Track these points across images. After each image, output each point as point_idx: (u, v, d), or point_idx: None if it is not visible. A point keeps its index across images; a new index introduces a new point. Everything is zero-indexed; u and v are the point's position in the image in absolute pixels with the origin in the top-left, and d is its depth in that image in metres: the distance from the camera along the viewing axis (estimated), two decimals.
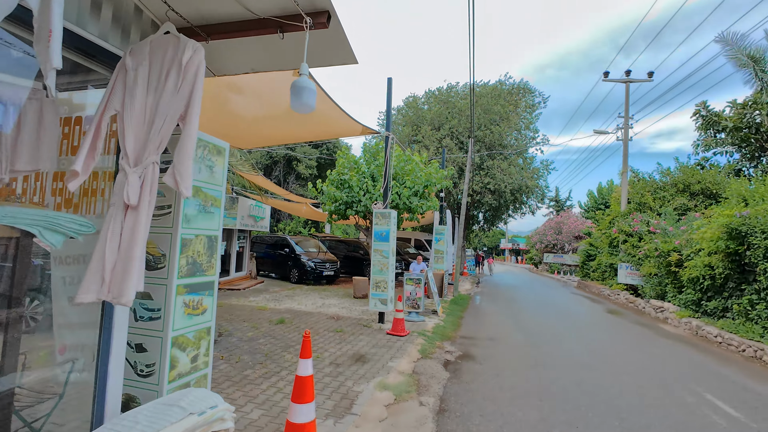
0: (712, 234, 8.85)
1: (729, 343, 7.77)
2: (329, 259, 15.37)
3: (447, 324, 8.56)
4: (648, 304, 11.97)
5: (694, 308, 10.03)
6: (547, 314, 10.98)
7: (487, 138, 18.75)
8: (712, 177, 13.78)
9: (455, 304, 11.39)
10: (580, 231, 31.65)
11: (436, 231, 13.15)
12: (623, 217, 15.10)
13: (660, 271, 11.80)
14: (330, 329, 7.27)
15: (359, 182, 10.74)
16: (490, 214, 20.38)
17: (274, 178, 30.48)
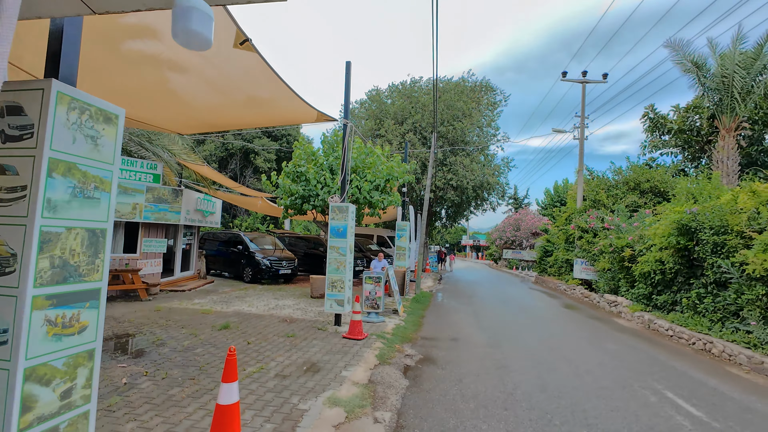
0: (664, 230, 9.08)
1: (680, 336, 7.97)
2: (286, 257, 14.56)
3: (408, 324, 8.16)
4: (602, 299, 12.27)
5: (645, 302, 10.33)
6: (507, 310, 10.91)
7: (450, 134, 18.62)
8: (660, 176, 14.44)
9: (417, 303, 11.05)
10: (537, 228, 32.68)
11: (398, 227, 12.76)
12: (579, 214, 15.49)
13: (613, 267, 12.12)
14: (281, 334, 6.61)
15: (317, 175, 10.08)
16: (452, 210, 20.36)
17: (230, 171, 28.87)
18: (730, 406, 4.62)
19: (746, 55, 14.29)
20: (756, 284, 6.94)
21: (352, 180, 10.08)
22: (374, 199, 10.12)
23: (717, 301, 7.81)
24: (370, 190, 10.18)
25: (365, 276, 8.26)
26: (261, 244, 15.04)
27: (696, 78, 15.44)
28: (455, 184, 18.11)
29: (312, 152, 10.71)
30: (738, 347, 6.59)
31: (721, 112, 15.07)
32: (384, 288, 11.29)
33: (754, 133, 15.53)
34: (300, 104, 6.47)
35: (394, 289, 9.35)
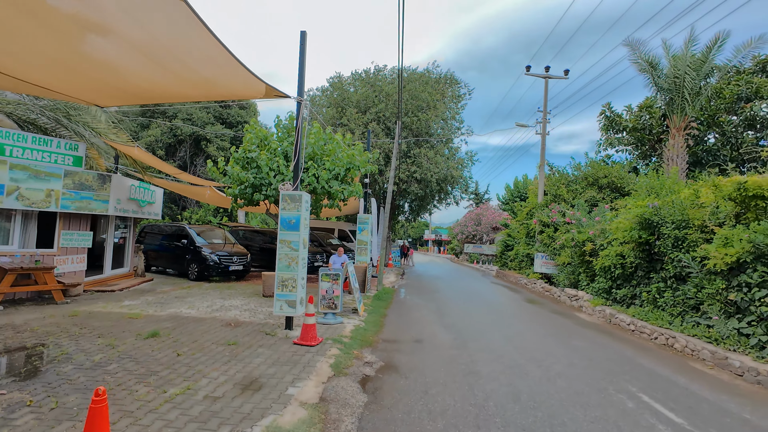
0: (626, 224, 9.05)
1: (641, 330, 7.92)
2: (238, 252, 13.40)
3: (368, 325, 7.49)
4: (563, 293, 12.29)
5: (605, 296, 10.36)
6: (471, 306, 10.57)
7: (414, 125, 18.10)
8: (617, 172, 14.77)
9: (379, 300, 10.43)
10: (497, 222, 33.25)
11: (360, 220, 12.04)
12: (541, 209, 15.56)
13: (574, 261, 12.16)
14: (221, 341, 5.71)
15: (269, 161, 9.11)
16: (416, 204, 19.93)
17: (178, 159, 26.69)
18: (706, 409, 4.37)
19: (696, 58, 14.87)
20: (716, 278, 6.94)
21: (309, 168, 9.21)
22: (333, 189, 9.31)
23: (677, 295, 7.81)
24: (329, 180, 9.36)
25: (322, 273, 7.48)
26: (209, 237, 13.76)
27: (650, 77, 15.91)
28: (419, 176, 17.64)
29: (265, 136, 9.69)
30: (700, 342, 6.53)
31: (672, 112, 15.63)
32: (344, 285, 10.58)
33: (699, 133, 16.28)
34: (245, 76, 5.56)
35: (354, 287, 8.64)
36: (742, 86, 15.60)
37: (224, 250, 13.06)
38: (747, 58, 14.99)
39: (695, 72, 14.67)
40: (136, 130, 27.80)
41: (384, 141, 17.68)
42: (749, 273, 6.37)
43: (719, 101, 16.39)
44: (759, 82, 15.45)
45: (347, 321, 7.59)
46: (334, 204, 10.32)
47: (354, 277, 8.84)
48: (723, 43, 14.48)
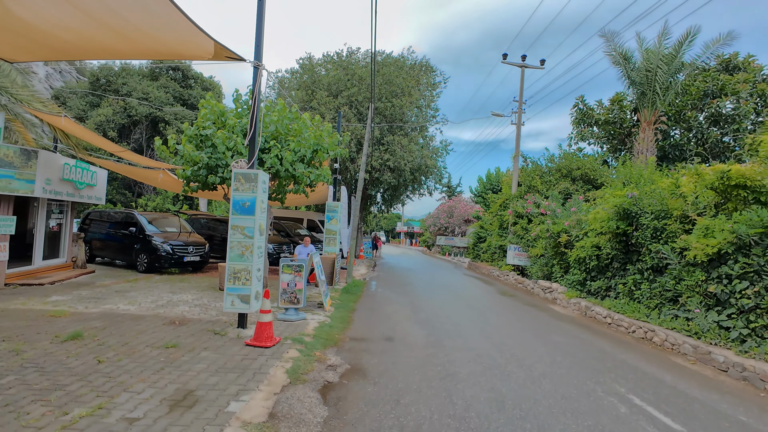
0: (604, 214, 8.80)
1: (618, 324, 7.68)
2: (195, 242, 12.29)
3: (335, 321, 6.81)
4: (536, 285, 12.08)
5: (579, 288, 10.17)
6: (444, 299, 10.10)
7: (388, 111, 17.37)
8: (591, 164, 14.73)
9: (347, 293, 9.74)
10: (470, 215, 33.27)
11: (329, 208, 11.25)
12: (515, 200, 15.33)
13: (548, 252, 11.95)
14: (158, 344, 4.85)
15: (226, 140, 8.13)
16: (389, 193, 19.29)
17: (133, 142, 24.67)
18: (700, 412, 4.01)
19: (668, 52, 14.97)
20: (695, 270, 6.74)
21: (272, 148, 8.31)
22: (298, 172, 8.46)
23: (654, 287, 7.62)
24: (294, 162, 8.50)
25: (283, 264, 6.70)
26: (162, 226, 12.54)
27: (623, 70, 15.93)
28: (392, 165, 16.98)
29: (222, 112, 8.67)
30: (681, 336, 6.31)
31: (643, 106, 15.74)
32: (310, 278, 9.82)
33: (667, 128, 16.54)
34: (189, 30, 4.65)
35: (320, 279, 7.90)
36: (709, 83, 15.92)
37: (179, 240, 11.92)
38: (714, 54, 15.25)
39: (667, 66, 14.77)
40: (84, 109, 25.43)
41: (356, 126, 16.86)
42: (730, 264, 6.17)
43: (685, 98, 16.69)
44: (725, 79, 15.81)
45: (311, 317, 6.87)
46: (300, 189, 9.47)
47: (320, 269, 8.09)
48: (694, 39, 14.63)
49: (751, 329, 5.74)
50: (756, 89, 15.50)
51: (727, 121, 16.09)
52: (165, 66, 27.66)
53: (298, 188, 9.32)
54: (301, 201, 15.20)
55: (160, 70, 27.56)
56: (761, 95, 15.60)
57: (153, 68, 27.59)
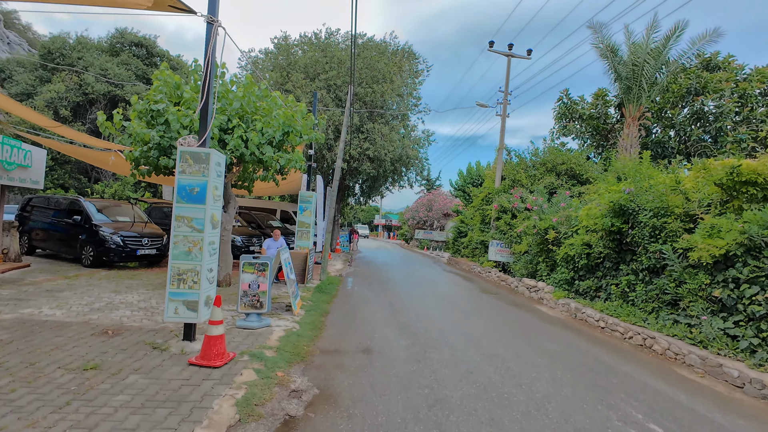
0: (597, 211, 8.26)
1: (613, 328, 7.16)
2: (151, 233, 11.03)
3: (304, 328, 5.92)
4: (520, 283, 11.56)
5: (567, 287, 9.68)
6: (426, 299, 9.37)
7: (368, 97, 16.39)
8: (576, 159, 14.32)
9: (321, 293, 8.85)
10: (449, 209, 32.83)
11: (302, 198, 10.25)
12: (499, 194, 14.78)
13: (532, 249, 11.43)
14: (75, 364, 3.83)
15: (181, 117, 7.00)
16: (367, 185, 18.38)
17: (89, 122, 22.61)
18: None
19: (656, 47, 14.67)
20: (698, 272, 6.25)
21: (235, 129, 7.24)
22: (266, 156, 7.44)
23: (650, 289, 7.13)
24: (261, 145, 7.47)
25: (244, 262, 5.73)
26: (114, 215, 11.20)
27: (610, 64, 15.56)
28: (372, 154, 16.07)
29: (177, 84, 7.49)
30: (684, 345, 5.80)
31: (629, 101, 15.44)
32: (279, 275, 8.86)
33: (651, 124, 16.38)
34: None
35: (289, 278, 6.97)
36: (692, 80, 15.79)
37: (132, 231, 10.64)
38: (700, 51, 15.07)
39: (654, 60, 14.48)
40: (33, 84, 23.06)
41: (334, 112, 15.81)
42: (738, 267, 5.68)
43: (668, 95, 16.55)
44: (708, 77, 15.72)
45: (277, 323, 5.95)
46: (269, 177, 8.46)
47: (290, 266, 7.15)
48: (682, 33, 14.37)
49: (762, 338, 5.26)
50: (738, 87, 15.49)
51: (709, 120, 16.07)
52: (127, 41, 25.51)
53: (266, 175, 8.29)
54: (273, 190, 14.10)
55: (121, 46, 25.39)
56: (742, 94, 15.62)
57: (113, 43, 25.40)
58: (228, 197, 8.71)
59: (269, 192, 16.36)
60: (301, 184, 11.61)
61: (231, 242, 14.11)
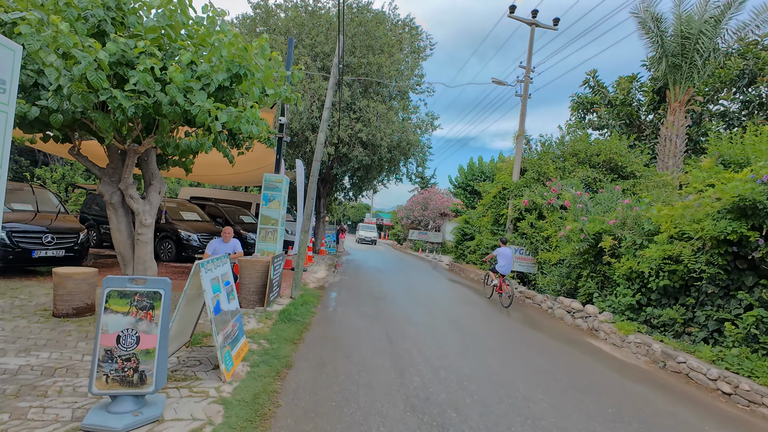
0: (703, 210, 5.58)
1: (753, 400, 4.46)
2: (60, 228, 8.02)
3: (234, 418, 3.06)
4: (556, 303, 8.87)
5: (631, 316, 7.02)
6: (438, 332, 6.57)
7: (362, 69, 13.54)
8: (617, 148, 11.66)
9: (287, 322, 5.96)
10: (447, 208, 30.18)
11: (267, 184, 7.34)
12: (518, 189, 12.09)
13: (575, 260, 8.74)
14: None
15: (57, 35, 4.06)
16: (359, 175, 15.49)
17: None
18: None
19: (712, 14, 12.15)
20: None
21: (141, 58, 4.31)
22: (197, 109, 4.52)
23: None
24: (189, 89, 4.56)
25: (108, 290, 2.84)
26: (8, 201, 8.15)
27: (653, 37, 13.01)
28: (365, 138, 13.22)
29: None
30: None
31: (674, 82, 12.91)
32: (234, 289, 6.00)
33: (701, 110, 13.88)
34: None
35: (223, 313, 4.07)
36: (749, 60, 13.32)
37: (30, 224, 7.63)
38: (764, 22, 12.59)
39: (713, 30, 11.96)
40: None
41: (320, 86, 12.91)
42: None
43: (712, 79, 14.07)
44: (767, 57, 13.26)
45: (178, 412, 3.07)
46: (218, 147, 5.55)
47: (228, 290, 4.26)
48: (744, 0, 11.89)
49: None
50: None
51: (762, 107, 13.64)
52: None
53: (199, 141, 5.37)
54: (235, 177, 11.16)
55: None
56: None
57: None
58: (149, 176, 5.79)
59: (230, 180, 13.36)
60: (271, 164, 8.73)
61: (185, 241, 11.18)
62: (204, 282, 3.59)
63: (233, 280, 4.49)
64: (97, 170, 5.54)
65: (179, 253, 10.74)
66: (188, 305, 3.89)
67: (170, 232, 10.91)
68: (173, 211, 11.67)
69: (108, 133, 4.61)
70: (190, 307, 3.99)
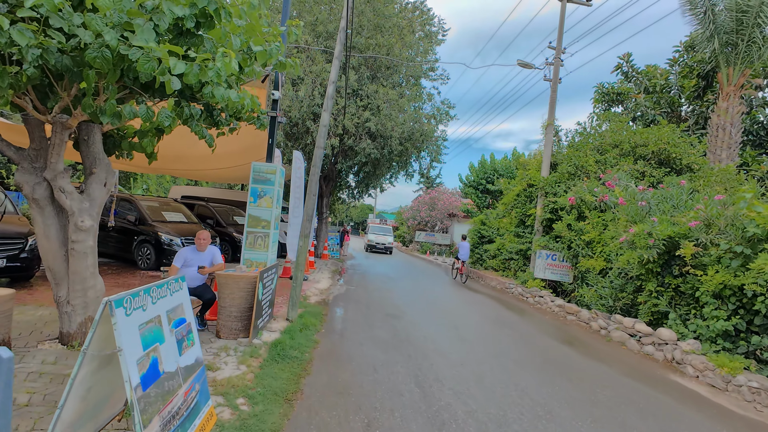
0: None
1: None
2: (3, 232, 6.47)
3: None
4: (611, 323, 7.27)
5: (727, 345, 5.42)
6: (475, 362, 4.98)
7: (370, 50, 11.97)
8: (669, 137, 10.03)
9: (280, 361, 4.37)
10: (457, 209, 28.60)
11: (255, 174, 5.74)
12: (553, 185, 10.50)
13: (635, 269, 7.13)
14: None
15: None
16: (366, 170, 13.85)
17: None
18: None
19: None
20: None
21: None
22: (135, 52, 2.96)
23: None
24: (128, 25, 3.00)
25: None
26: None
27: (699, 14, 11.41)
28: (374, 128, 11.64)
29: None
30: None
31: (727, 63, 11.29)
32: (207, 314, 4.49)
33: (762, 93, 12.25)
34: None
35: (170, 372, 2.51)
36: None
37: None
38: None
39: None
40: None
41: (323, 68, 11.35)
42: None
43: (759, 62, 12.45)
44: None
45: None
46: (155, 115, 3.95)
47: (179, 338, 2.70)
48: None
49: None
50: None
51: None
52: None
53: (166, 111, 3.79)
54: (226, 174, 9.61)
55: None
56: None
57: None
58: (91, 162, 4.24)
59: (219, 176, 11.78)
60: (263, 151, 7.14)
61: (167, 246, 9.64)
62: (122, 334, 2.01)
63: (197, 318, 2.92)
64: (12, 152, 3.98)
65: (159, 259, 9.20)
66: (106, 367, 2.31)
67: (149, 235, 9.37)
68: (154, 210, 10.13)
69: (3, 92, 3.04)
70: (113, 367, 2.41)
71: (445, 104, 13.62)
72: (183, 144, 7.23)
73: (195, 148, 7.78)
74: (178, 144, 7.37)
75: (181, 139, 6.19)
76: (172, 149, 7.92)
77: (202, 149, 8.04)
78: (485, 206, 27.60)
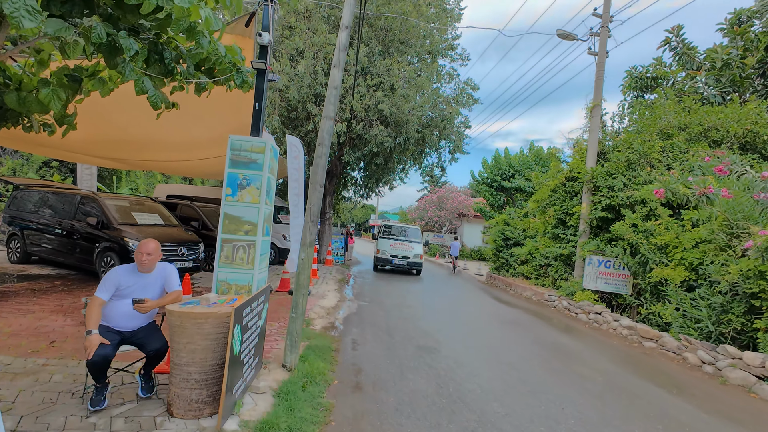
0: None
1: None
2: None
3: None
4: (720, 356, 5.43)
5: None
6: None
7: (382, 20, 10.13)
8: (757, 117, 8.16)
9: None
10: (470, 208, 26.75)
11: (235, 155, 3.89)
12: (604, 177, 8.65)
13: (748, 285, 5.28)
14: None
15: None
16: (376, 164, 11.88)
17: None
18: None
19: None
20: None
21: None
22: None
23: None
24: None
25: None
26: None
27: None
28: (388, 111, 9.77)
29: None
30: None
31: None
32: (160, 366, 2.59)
33: None
34: None
35: None
36: None
37: None
38: None
39: None
40: None
41: (327, 39, 9.49)
42: None
43: None
44: None
45: None
46: (29, 31, 2.09)
47: None
48: None
49: None
50: None
51: None
52: None
53: (69, 31, 1.87)
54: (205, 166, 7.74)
55: None
56: None
57: None
58: None
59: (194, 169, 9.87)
60: None
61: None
62: None
63: None
64: None
65: None
66: None
67: (112, 241, 7.52)
68: (123, 211, 8.25)
69: None
70: None
71: (468, 84, 11.75)
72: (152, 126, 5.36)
73: (170, 132, 5.93)
74: (145, 124, 5.50)
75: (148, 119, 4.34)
76: (138, 130, 6.05)
77: (180, 133, 6.18)
78: (500, 205, 25.72)
